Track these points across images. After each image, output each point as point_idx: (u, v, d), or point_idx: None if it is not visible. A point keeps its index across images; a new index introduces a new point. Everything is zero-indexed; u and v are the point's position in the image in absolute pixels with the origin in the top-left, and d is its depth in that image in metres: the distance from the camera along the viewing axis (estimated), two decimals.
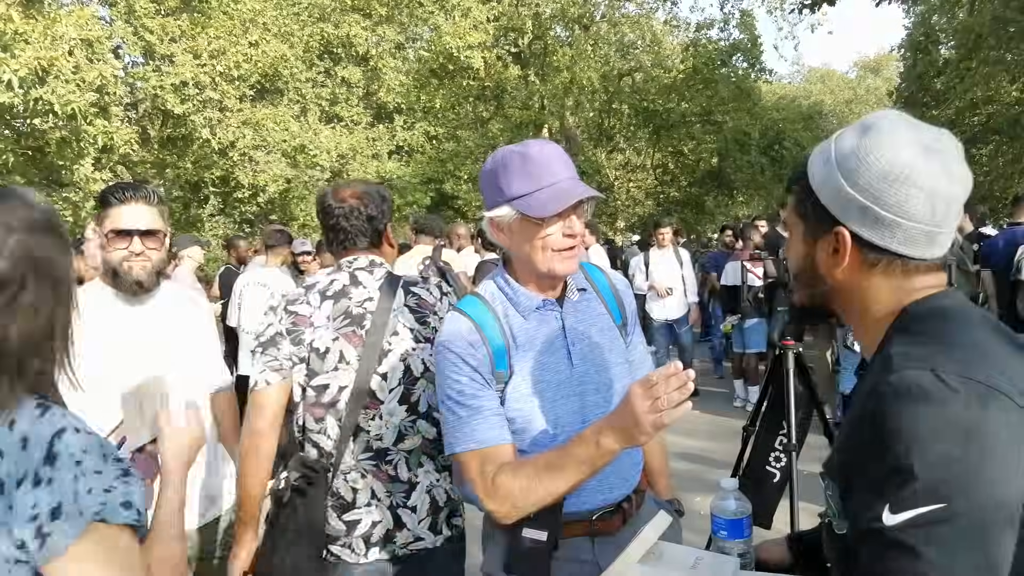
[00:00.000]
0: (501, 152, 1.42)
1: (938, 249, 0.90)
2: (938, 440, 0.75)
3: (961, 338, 0.84)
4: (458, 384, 1.38)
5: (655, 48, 19.60)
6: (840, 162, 0.91)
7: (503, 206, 1.39)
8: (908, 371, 0.80)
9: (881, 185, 0.87)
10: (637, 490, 1.54)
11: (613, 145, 20.33)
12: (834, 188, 0.92)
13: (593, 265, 1.66)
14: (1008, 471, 0.75)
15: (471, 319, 1.42)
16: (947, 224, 0.88)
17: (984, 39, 14.36)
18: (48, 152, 10.27)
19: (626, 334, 1.60)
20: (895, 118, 0.91)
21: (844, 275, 0.95)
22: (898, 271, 0.91)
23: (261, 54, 12.55)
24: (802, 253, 1.01)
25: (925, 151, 0.86)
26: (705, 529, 1.24)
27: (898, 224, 0.87)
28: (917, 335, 0.86)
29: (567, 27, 18.30)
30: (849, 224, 0.91)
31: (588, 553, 1.46)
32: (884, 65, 34.62)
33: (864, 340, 1.00)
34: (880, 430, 0.79)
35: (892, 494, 0.77)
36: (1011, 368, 0.81)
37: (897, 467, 0.77)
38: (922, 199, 0.86)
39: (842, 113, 31.29)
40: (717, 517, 1.20)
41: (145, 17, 11.58)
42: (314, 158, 14.09)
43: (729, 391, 6.97)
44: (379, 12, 17.13)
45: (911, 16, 18.30)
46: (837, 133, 0.96)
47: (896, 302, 0.93)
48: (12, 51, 8.08)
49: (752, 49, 18.16)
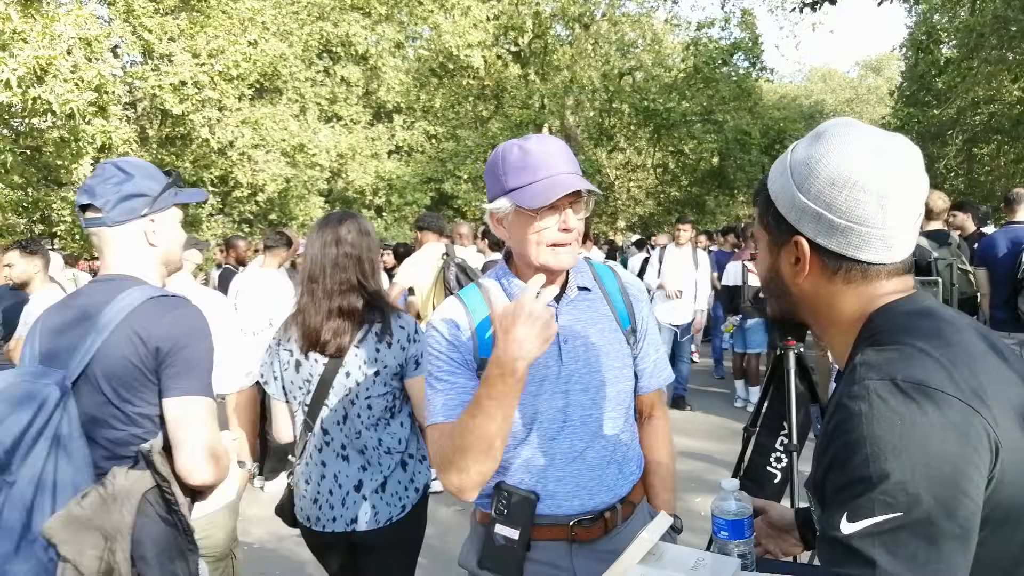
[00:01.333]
0: (503, 145, 1.41)
1: (897, 253, 0.89)
2: (895, 450, 0.75)
3: (924, 344, 0.83)
4: (438, 361, 1.42)
5: (656, 47, 19.64)
6: (794, 171, 0.92)
7: (501, 198, 1.39)
8: (869, 381, 0.80)
9: (831, 191, 0.87)
10: (626, 502, 1.51)
11: (613, 144, 20.34)
12: (789, 197, 0.92)
13: (607, 267, 1.63)
14: (966, 479, 0.75)
15: (465, 305, 1.46)
16: (902, 227, 0.88)
17: (986, 38, 14.36)
18: (46, 151, 10.26)
19: (635, 341, 1.56)
20: (847, 124, 0.91)
21: (807, 284, 0.95)
22: (859, 277, 0.91)
23: (260, 53, 12.54)
24: (767, 264, 1.02)
25: (875, 155, 0.86)
26: (706, 529, 1.22)
27: (852, 229, 0.87)
28: (881, 343, 0.86)
29: (567, 26, 18.32)
30: (806, 232, 0.92)
31: (565, 559, 1.44)
32: (885, 64, 34.65)
33: (834, 351, 1.00)
34: (842, 442, 0.80)
35: (850, 503, 0.78)
36: (977, 370, 0.81)
37: (856, 477, 0.77)
38: (872, 203, 0.85)
39: (843, 112, 31.31)
40: (718, 518, 1.18)
41: (144, 16, 11.58)
42: (313, 157, 14.10)
43: (730, 391, 6.96)
44: (378, 11, 17.15)
45: (913, 15, 18.32)
46: (792, 146, 0.97)
47: (860, 309, 0.92)
48: (10, 50, 8.06)
49: (753, 48, 18.17)
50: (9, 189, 10.57)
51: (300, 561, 3.71)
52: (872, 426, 0.76)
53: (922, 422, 0.75)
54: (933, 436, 0.75)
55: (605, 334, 1.50)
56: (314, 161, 14.17)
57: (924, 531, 0.74)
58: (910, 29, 18.34)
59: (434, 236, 4.76)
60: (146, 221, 1.60)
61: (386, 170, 16.27)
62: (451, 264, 4.40)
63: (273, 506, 2.29)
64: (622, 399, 1.51)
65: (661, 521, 1.23)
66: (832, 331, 0.97)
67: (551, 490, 1.42)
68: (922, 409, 0.76)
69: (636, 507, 1.54)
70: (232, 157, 13.00)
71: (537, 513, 1.41)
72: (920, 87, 18.01)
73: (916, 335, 0.84)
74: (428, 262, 4.57)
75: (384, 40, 17.04)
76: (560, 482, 1.43)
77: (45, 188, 11.52)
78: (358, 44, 16.58)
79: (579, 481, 1.43)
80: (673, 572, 1.13)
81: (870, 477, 0.76)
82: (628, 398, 1.54)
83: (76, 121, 8.85)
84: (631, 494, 1.52)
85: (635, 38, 19.44)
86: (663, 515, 1.26)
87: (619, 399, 1.50)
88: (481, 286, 1.47)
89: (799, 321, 1.02)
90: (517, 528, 1.38)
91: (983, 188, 17.35)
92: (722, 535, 1.18)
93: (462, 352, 1.41)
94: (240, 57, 12.03)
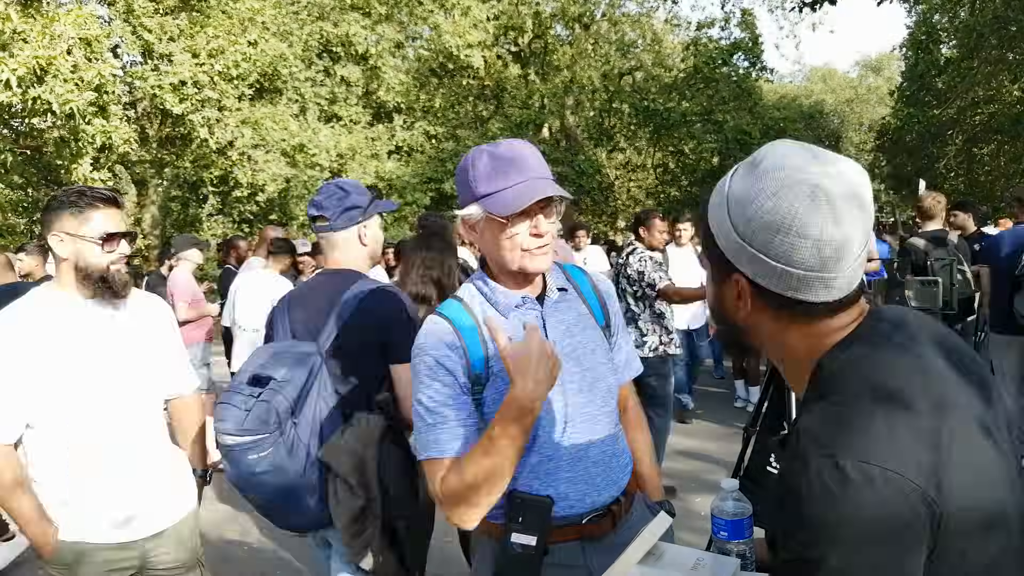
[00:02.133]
0: (473, 151, 1.41)
1: (840, 291, 0.87)
2: (833, 538, 0.76)
3: (869, 399, 0.81)
4: (429, 390, 1.37)
5: (656, 47, 19.64)
6: (731, 208, 0.88)
7: (472, 205, 1.38)
8: (811, 458, 0.79)
9: (765, 235, 0.84)
10: (626, 492, 1.54)
11: (613, 144, 20.34)
12: (727, 235, 0.89)
13: (575, 266, 1.65)
14: (901, 566, 0.76)
15: (449, 321, 1.42)
16: (841, 268, 0.84)
17: (985, 38, 14.38)
18: (46, 151, 10.27)
19: (610, 335, 1.59)
20: (783, 157, 0.86)
21: (752, 319, 0.93)
22: (803, 316, 0.89)
23: (260, 53, 12.56)
24: (712, 293, 0.99)
25: (810, 196, 0.82)
26: (705, 529, 1.22)
27: (790, 273, 0.84)
28: (826, 403, 0.84)
29: (567, 26, 18.33)
30: (745, 271, 0.89)
31: (579, 558, 1.44)
32: (886, 64, 34.61)
33: (791, 384, 0.99)
34: (788, 514, 0.81)
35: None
36: (932, 401, 0.80)
37: (798, 556, 0.79)
38: (808, 247, 0.82)
39: (843, 112, 31.31)
40: (717, 518, 1.18)
41: (144, 16, 11.60)
42: (313, 157, 14.10)
43: (730, 391, 6.95)
44: (378, 11, 17.15)
45: (913, 15, 18.34)
46: (731, 172, 0.93)
47: (808, 349, 0.91)
48: (10, 50, 8.07)
49: (753, 48, 18.18)
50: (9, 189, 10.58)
51: (300, 561, 3.72)
52: (814, 507, 0.77)
53: (861, 506, 0.75)
54: (871, 523, 0.75)
55: (588, 332, 1.52)
56: (314, 161, 14.17)
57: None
58: (910, 29, 18.35)
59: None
60: (360, 227, 2.08)
61: (386, 170, 16.25)
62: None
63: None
64: (612, 393, 1.54)
65: (661, 521, 1.23)
66: (786, 365, 0.96)
67: (563, 492, 1.42)
68: (861, 494, 0.75)
69: (633, 496, 1.57)
70: (232, 157, 13.02)
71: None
72: (920, 87, 18.02)
73: (864, 391, 0.82)
74: None
75: (384, 40, 17.04)
76: (571, 483, 1.43)
77: (45, 188, 11.53)
78: (358, 44, 16.58)
79: (588, 479, 1.44)
80: (673, 572, 1.13)
81: (810, 560, 0.77)
82: (615, 392, 1.57)
83: (76, 121, 8.86)
84: (629, 484, 1.55)
85: (635, 38, 19.44)
86: (663, 515, 1.26)
87: (610, 394, 1.53)
88: (486, 324, 1.39)
89: (750, 344, 1.00)
90: (534, 534, 1.37)
91: (983, 188, 17.34)
92: (722, 535, 1.18)
93: (456, 377, 1.38)
94: (240, 57, 12.05)
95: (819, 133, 24.01)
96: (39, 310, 1.83)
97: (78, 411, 1.83)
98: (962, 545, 0.78)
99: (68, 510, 1.86)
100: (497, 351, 1.36)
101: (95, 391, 1.85)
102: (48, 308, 1.84)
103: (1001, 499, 0.81)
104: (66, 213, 1.82)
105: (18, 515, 1.81)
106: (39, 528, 1.82)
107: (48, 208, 1.85)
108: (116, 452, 1.90)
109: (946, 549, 0.78)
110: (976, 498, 0.79)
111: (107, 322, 1.92)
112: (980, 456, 0.81)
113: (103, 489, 1.88)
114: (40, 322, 1.81)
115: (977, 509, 0.79)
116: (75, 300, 1.87)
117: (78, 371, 1.83)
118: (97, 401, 1.86)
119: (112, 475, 1.89)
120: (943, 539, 0.77)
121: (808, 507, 0.77)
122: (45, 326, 1.81)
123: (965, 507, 0.78)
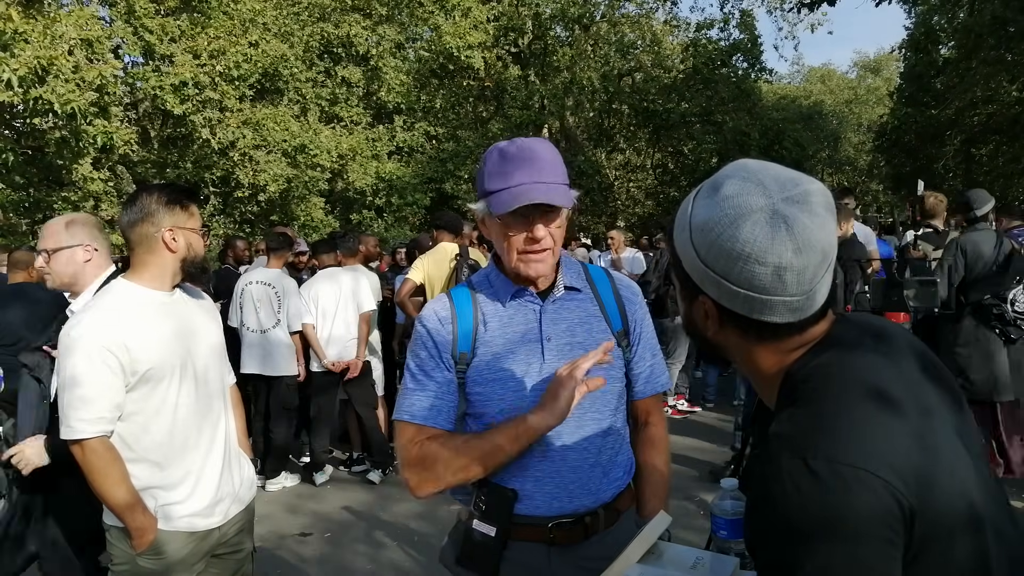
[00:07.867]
0: (492, 146, 1.42)
1: (804, 312, 0.87)
2: (807, 540, 0.76)
3: (840, 404, 0.82)
4: (417, 358, 1.46)
5: (655, 48, 19.62)
6: (693, 233, 0.89)
7: (481, 200, 1.40)
8: (783, 460, 0.79)
9: (726, 263, 0.84)
10: (611, 508, 1.47)
11: (613, 145, 20.34)
12: (691, 259, 0.90)
13: (600, 268, 1.62)
14: (875, 566, 0.76)
15: (450, 299, 1.49)
16: (805, 290, 0.84)
17: (984, 39, 14.37)
18: (47, 152, 10.26)
19: (628, 344, 1.53)
20: (743, 180, 0.85)
21: (721, 338, 0.94)
22: (770, 335, 0.89)
23: (261, 54, 12.55)
24: (683, 311, 1.01)
25: (770, 221, 0.82)
26: (705, 529, 1.24)
27: (752, 298, 0.85)
28: (796, 408, 0.85)
29: (567, 27, 18.31)
30: (710, 294, 0.90)
31: (543, 560, 1.41)
32: (884, 65, 34.60)
33: (763, 398, 0.99)
34: (761, 517, 0.81)
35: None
36: (902, 416, 0.80)
37: (774, 560, 0.80)
38: (767, 274, 0.82)
39: (842, 113, 31.27)
40: (717, 517, 1.19)
41: (145, 17, 11.59)
42: (314, 158, 14.08)
43: (730, 391, 6.96)
44: (379, 12, 17.14)
45: (912, 16, 18.33)
46: (693, 193, 0.93)
47: (777, 363, 0.92)
48: (12, 50, 8.07)
49: (752, 49, 18.18)
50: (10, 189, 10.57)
51: (300, 561, 3.74)
52: (787, 510, 0.77)
53: (834, 507, 0.75)
54: (845, 523, 0.75)
55: (593, 334, 1.47)
56: (315, 162, 14.15)
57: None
58: (909, 30, 18.35)
59: (449, 236, 4.78)
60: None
61: (386, 171, 16.23)
62: (464, 265, 4.45)
63: (273, 506, 2.33)
64: (608, 400, 1.47)
65: (661, 521, 1.23)
66: (757, 380, 0.97)
67: (529, 490, 1.40)
68: (833, 494, 0.75)
69: (622, 514, 1.50)
70: (233, 158, 13.00)
71: (515, 512, 1.40)
72: (919, 88, 18.01)
73: (834, 394, 0.83)
74: (442, 261, 4.61)
75: (385, 41, 17.03)
76: (539, 482, 1.41)
77: (46, 188, 11.53)
78: (359, 45, 16.57)
79: (558, 483, 1.41)
80: (672, 571, 1.14)
81: (786, 564, 0.78)
82: (616, 400, 1.50)
83: (77, 121, 8.85)
84: (617, 500, 1.49)
85: (635, 39, 19.42)
86: (663, 515, 1.25)
87: (605, 400, 1.46)
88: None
89: (724, 357, 1.01)
90: (494, 525, 1.38)
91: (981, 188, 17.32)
92: (721, 534, 1.19)
93: (440, 347, 1.44)
94: (241, 58, 12.04)
95: (818, 133, 23.96)
96: (134, 303, 1.88)
97: (177, 400, 1.90)
98: (941, 546, 0.78)
99: (164, 499, 1.90)
100: (488, 330, 1.45)
101: (191, 379, 1.94)
102: (142, 301, 1.89)
103: (976, 502, 0.81)
104: (177, 208, 1.92)
105: (121, 506, 1.82)
106: (142, 518, 1.84)
107: (150, 210, 1.89)
108: (209, 437, 1.98)
109: (925, 550, 0.78)
110: (952, 499, 0.79)
111: (194, 312, 2.02)
112: (956, 458, 0.82)
113: (198, 477, 1.94)
114: (139, 315, 1.86)
115: (954, 510, 0.79)
116: (163, 292, 1.95)
117: (178, 360, 1.91)
118: (193, 389, 1.94)
119: (206, 462, 1.96)
120: (920, 539, 0.77)
121: (782, 509, 0.78)
122: (145, 319, 1.86)
123: (942, 507, 0.78)
